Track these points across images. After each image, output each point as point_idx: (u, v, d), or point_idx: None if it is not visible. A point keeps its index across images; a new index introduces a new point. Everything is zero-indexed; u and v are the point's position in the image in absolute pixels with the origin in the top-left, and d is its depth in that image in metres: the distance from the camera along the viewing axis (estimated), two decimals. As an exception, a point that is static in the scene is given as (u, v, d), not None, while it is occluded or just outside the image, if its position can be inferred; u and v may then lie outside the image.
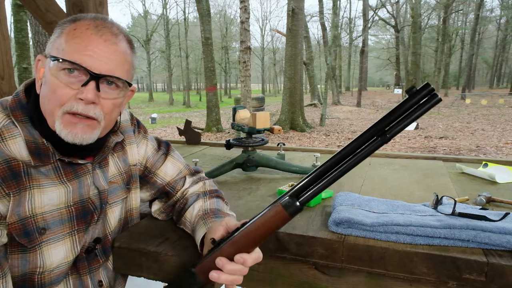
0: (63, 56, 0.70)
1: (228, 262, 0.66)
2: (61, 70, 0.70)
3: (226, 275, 0.66)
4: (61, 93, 0.71)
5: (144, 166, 0.97)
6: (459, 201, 1.08)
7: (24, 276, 0.73)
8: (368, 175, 1.45)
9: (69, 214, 0.77)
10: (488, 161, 1.55)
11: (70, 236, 0.77)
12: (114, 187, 0.88)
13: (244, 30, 7.12)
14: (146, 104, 27.84)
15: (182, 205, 0.96)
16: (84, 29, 0.71)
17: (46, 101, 0.73)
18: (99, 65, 0.71)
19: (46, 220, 0.73)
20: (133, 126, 0.96)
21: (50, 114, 0.73)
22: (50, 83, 0.71)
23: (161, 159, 0.99)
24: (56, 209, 0.75)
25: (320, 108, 14.55)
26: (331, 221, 0.91)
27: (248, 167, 1.43)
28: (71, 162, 0.77)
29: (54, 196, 0.74)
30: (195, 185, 1.00)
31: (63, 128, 0.72)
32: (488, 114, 14.28)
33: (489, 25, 34.96)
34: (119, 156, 0.90)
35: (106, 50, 0.72)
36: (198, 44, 28.59)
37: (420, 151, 7.61)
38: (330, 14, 18.86)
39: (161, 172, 0.99)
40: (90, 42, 0.71)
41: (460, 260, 0.77)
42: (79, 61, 0.70)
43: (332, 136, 10.14)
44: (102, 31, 0.73)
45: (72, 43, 0.70)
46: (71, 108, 0.71)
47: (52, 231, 0.74)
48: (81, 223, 0.79)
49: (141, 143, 0.97)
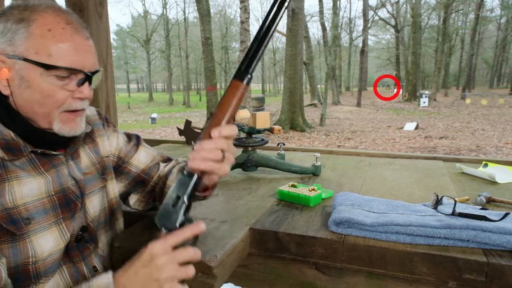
0: (54, 63, 0.70)
1: (206, 141, 0.70)
2: (53, 76, 0.71)
3: (206, 152, 0.69)
4: (59, 97, 0.73)
5: (117, 156, 1.00)
6: (459, 201, 1.08)
7: (17, 268, 0.73)
8: (368, 175, 1.45)
9: (52, 204, 0.78)
10: (488, 161, 1.55)
11: (56, 224, 0.78)
12: (89, 178, 0.89)
13: (244, 30, 7.13)
14: (146, 104, 27.85)
15: (162, 184, 0.98)
16: (60, 28, 0.71)
17: (37, 105, 0.73)
18: (88, 64, 0.74)
19: (29, 211, 0.74)
20: (101, 120, 0.99)
21: (44, 116, 0.74)
22: (42, 88, 0.71)
23: (133, 149, 1.03)
24: (38, 199, 0.76)
25: (320, 108, 14.55)
26: (331, 221, 0.91)
27: (248, 167, 1.43)
28: (45, 153, 0.78)
29: (34, 187, 0.75)
30: (169, 164, 1.04)
31: (63, 125, 0.76)
32: (488, 114, 14.28)
33: (489, 25, 34.97)
34: (90, 148, 0.92)
35: (88, 47, 0.75)
36: (198, 44, 28.60)
37: (420, 151, 7.61)
38: (330, 14, 18.88)
39: (134, 160, 1.01)
40: (76, 44, 0.72)
41: (460, 260, 0.77)
42: (74, 66, 0.72)
43: (332, 136, 10.14)
44: (77, 27, 0.74)
45: (58, 48, 0.70)
46: (70, 107, 0.75)
47: (37, 221, 0.75)
48: (66, 211, 0.80)
49: (111, 136, 1.00)
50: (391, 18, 26.05)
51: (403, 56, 26.82)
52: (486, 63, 42.24)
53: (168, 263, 0.65)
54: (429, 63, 38.51)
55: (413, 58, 21.69)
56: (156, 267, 0.65)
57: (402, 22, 26.83)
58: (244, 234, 0.92)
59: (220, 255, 0.81)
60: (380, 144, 8.61)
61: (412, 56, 21.81)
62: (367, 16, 21.59)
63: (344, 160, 1.73)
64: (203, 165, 0.70)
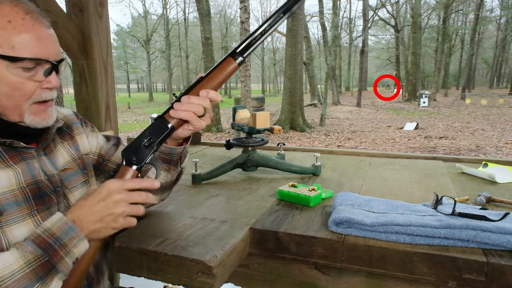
0: (19, 54, 0.70)
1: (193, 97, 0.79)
2: (19, 68, 0.71)
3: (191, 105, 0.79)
4: (27, 89, 0.73)
5: (98, 154, 1.01)
6: (459, 201, 1.08)
7: None
8: (368, 175, 1.45)
9: (24, 195, 0.77)
10: (488, 161, 1.56)
11: (30, 216, 0.77)
12: (70, 173, 0.90)
13: (244, 30, 7.13)
14: (146, 104, 27.84)
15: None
16: (20, 19, 0.70)
17: (5, 99, 0.72)
18: (53, 53, 0.75)
19: (0, 203, 0.73)
20: (79, 120, 1.00)
21: (14, 109, 0.74)
22: (9, 81, 0.71)
23: (113, 148, 1.04)
24: (9, 191, 0.75)
25: (320, 108, 14.55)
26: (331, 221, 0.91)
27: (248, 167, 1.43)
28: (13, 146, 0.77)
29: (3, 179, 0.74)
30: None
31: (35, 117, 0.76)
32: (488, 114, 14.28)
33: (489, 25, 34.97)
34: (70, 145, 0.93)
35: (51, 36, 0.75)
36: (198, 44, 28.60)
37: (420, 151, 7.61)
38: (330, 14, 18.86)
39: (115, 158, 1.03)
40: (38, 34, 0.72)
41: (460, 260, 0.77)
42: (39, 56, 0.72)
43: (332, 136, 10.14)
44: (37, 16, 0.73)
45: (21, 39, 0.70)
46: (40, 98, 0.75)
47: (9, 213, 0.74)
48: (40, 204, 0.79)
49: (90, 135, 1.01)
50: (391, 18, 26.05)
51: (403, 56, 26.82)
52: (486, 63, 42.24)
53: (124, 200, 0.73)
54: (429, 63, 38.51)
55: (413, 58, 21.69)
56: (113, 202, 0.72)
57: (402, 22, 26.83)
58: (244, 234, 0.93)
59: (220, 255, 0.81)
60: (380, 144, 8.61)
61: (412, 56, 21.81)
62: (367, 16, 21.59)
63: (344, 160, 1.73)
64: (184, 114, 0.79)
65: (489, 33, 37.78)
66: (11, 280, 0.63)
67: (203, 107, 0.80)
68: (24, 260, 0.65)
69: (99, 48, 1.95)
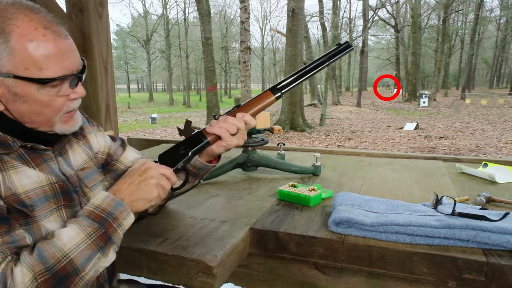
0: (47, 75, 0.70)
1: (230, 117, 0.91)
2: (48, 87, 0.71)
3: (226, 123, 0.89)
4: (57, 105, 0.74)
5: (106, 154, 1.01)
6: (459, 201, 1.09)
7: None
8: (368, 175, 1.45)
9: (53, 191, 0.79)
10: (488, 161, 1.56)
11: (57, 211, 0.79)
12: (89, 172, 0.91)
13: (244, 30, 7.13)
14: (146, 104, 27.85)
15: None
16: (41, 35, 0.69)
17: (36, 116, 0.74)
18: (76, 64, 0.75)
19: (31, 199, 0.74)
20: (85, 119, 1.01)
21: (44, 123, 0.76)
22: (40, 101, 0.72)
23: (120, 149, 1.05)
24: (39, 187, 0.76)
25: (320, 108, 14.55)
26: (331, 221, 0.91)
27: (248, 167, 1.43)
28: (34, 148, 0.79)
29: (33, 175, 0.76)
30: None
31: (65, 126, 0.79)
32: (488, 114, 14.28)
33: (489, 25, 34.99)
34: (85, 144, 0.95)
35: (71, 45, 0.75)
36: (198, 44, 28.60)
37: (420, 151, 7.61)
38: (330, 14, 18.86)
39: (124, 158, 1.03)
40: (61, 48, 0.71)
41: (460, 260, 0.78)
42: (66, 72, 0.72)
43: (332, 136, 10.15)
44: (55, 29, 0.71)
45: (47, 59, 0.69)
46: (69, 109, 0.77)
47: (40, 208, 0.75)
48: (67, 200, 0.81)
49: (98, 134, 1.01)
50: (391, 18, 26.04)
51: (403, 56, 26.82)
52: (485, 63, 42.24)
53: (157, 175, 0.82)
54: (429, 63, 38.51)
55: (413, 58, 21.70)
56: (149, 174, 0.81)
57: (402, 22, 26.82)
58: (244, 234, 0.93)
59: (220, 255, 0.81)
60: (380, 144, 8.61)
61: (412, 56, 21.81)
62: (367, 16, 21.57)
63: (344, 160, 1.73)
64: (218, 130, 0.89)
65: (489, 33, 37.78)
66: (77, 251, 0.69)
67: (237, 127, 0.90)
68: (84, 233, 0.71)
69: (99, 48, 1.95)
